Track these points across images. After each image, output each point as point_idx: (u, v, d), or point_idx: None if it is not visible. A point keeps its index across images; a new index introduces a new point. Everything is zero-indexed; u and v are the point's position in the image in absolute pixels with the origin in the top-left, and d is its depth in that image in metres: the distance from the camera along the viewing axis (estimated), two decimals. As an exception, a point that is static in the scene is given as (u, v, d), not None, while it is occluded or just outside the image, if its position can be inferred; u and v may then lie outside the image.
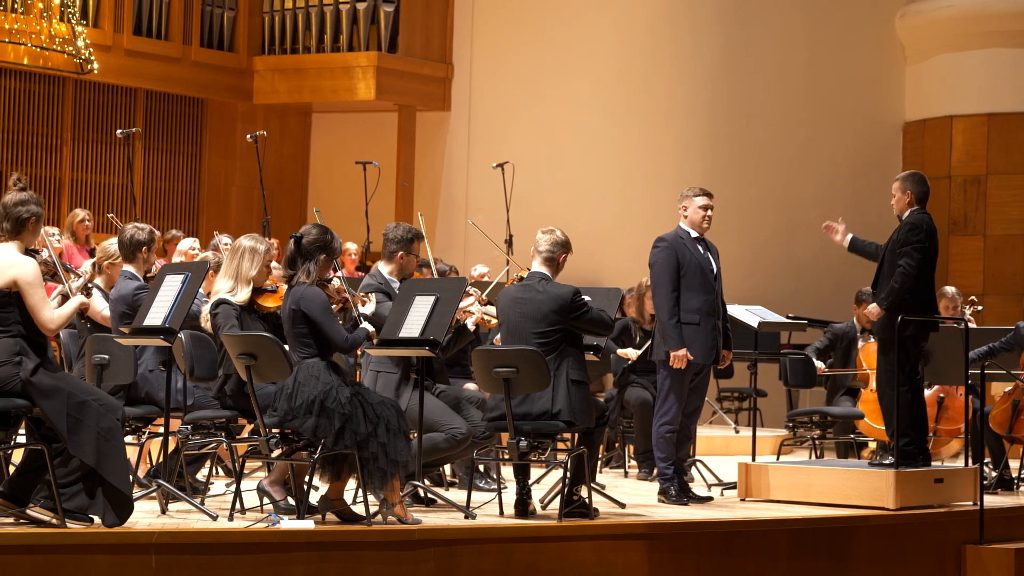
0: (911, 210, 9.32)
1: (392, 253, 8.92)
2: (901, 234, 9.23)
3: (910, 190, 9.33)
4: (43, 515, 6.95)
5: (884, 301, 9.14)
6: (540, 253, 8.45)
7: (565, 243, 8.48)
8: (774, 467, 9.64)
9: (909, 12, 18.51)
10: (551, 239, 8.45)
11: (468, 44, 18.08)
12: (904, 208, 9.34)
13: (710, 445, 12.91)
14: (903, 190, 9.34)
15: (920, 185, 9.35)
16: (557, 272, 8.45)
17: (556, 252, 8.44)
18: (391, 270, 8.93)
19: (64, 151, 16.66)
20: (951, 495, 9.31)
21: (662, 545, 7.90)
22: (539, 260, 8.45)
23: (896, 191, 9.37)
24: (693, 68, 17.44)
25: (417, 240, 8.96)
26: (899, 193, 9.36)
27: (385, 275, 8.90)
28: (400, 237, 8.91)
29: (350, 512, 7.80)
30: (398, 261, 8.92)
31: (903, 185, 9.35)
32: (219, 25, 17.83)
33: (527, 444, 8.07)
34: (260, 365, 7.63)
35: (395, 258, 8.92)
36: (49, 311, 7.04)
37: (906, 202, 9.34)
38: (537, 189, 16.24)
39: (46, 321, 7.02)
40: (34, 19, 15.61)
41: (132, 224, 9.13)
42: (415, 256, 8.99)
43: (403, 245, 8.90)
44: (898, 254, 9.18)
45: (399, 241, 8.90)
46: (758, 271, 16.75)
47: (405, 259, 8.92)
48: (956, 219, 18.01)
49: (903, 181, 9.38)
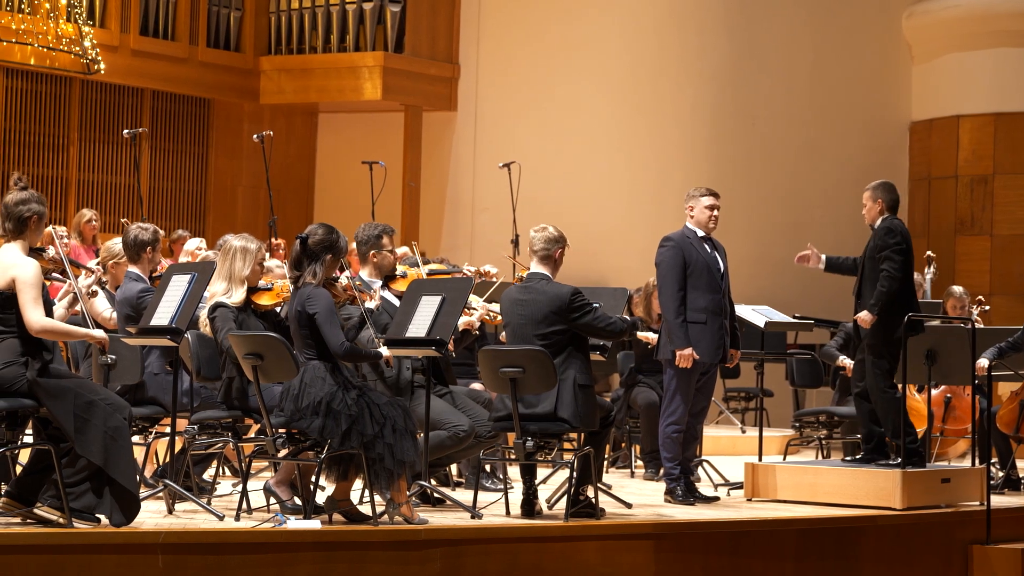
0: (882, 217, 9.42)
1: (364, 255, 8.94)
2: (877, 240, 9.36)
3: (881, 198, 9.47)
4: (50, 515, 6.95)
5: (874, 307, 9.23)
6: (536, 252, 8.44)
7: (559, 238, 8.45)
8: (781, 467, 9.64)
9: (916, 12, 18.49)
10: (544, 236, 8.43)
11: (475, 44, 18.07)
12: (876, 216, 9.49)
13: (717, 445, 12.91)
14: (874, 199, 9.49)
15: (890, 193, 9.51)
16: (556, 268, 8.43)
17: (552, 248, 8.42)
18: (369, 271, 8.96)
19: (71, 151, 16.67)
20: (958, 495, 9.31)
21: (668, 545, 7.90)
22: (536, 260, 8.44)
23: (867, 200, 9.51)
24: (700, 68, 17.42)
25: (385, 235, 8.94)
26: (870, 202, 9.50)
27: (365, 278, 8.91)
28: (367, 237, 8.92)
29: (356, 512, 7.80)
30: (372, 260, 8.94)
31: (874, 194, 9.50)
32: (226, 25, 17.83)
33: (533, 444, 8.07)
34: (267, 365, 7.62)
35: (368, 258, 8.94)
36: (37, 313, 6.97)
37: (877, 210, 9.49)
38: (543, 189, 16.23)
39: (31, 322, 6.96)
40: (41, 19, 15.62)
41: (136, 224, 9.13)
42: (388, 251, 8.97)
43: (372, 244, 8.91)
44: (878, 259, 9.30)
45: (367, 242, 8.92)
46: (764, 271, 16.73)
47: (378, 256, 8.93)
48: (963, 219, 17.98)
49: (874, 191, 9.51)
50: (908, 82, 18.72)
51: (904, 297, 9.29)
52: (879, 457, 9.43)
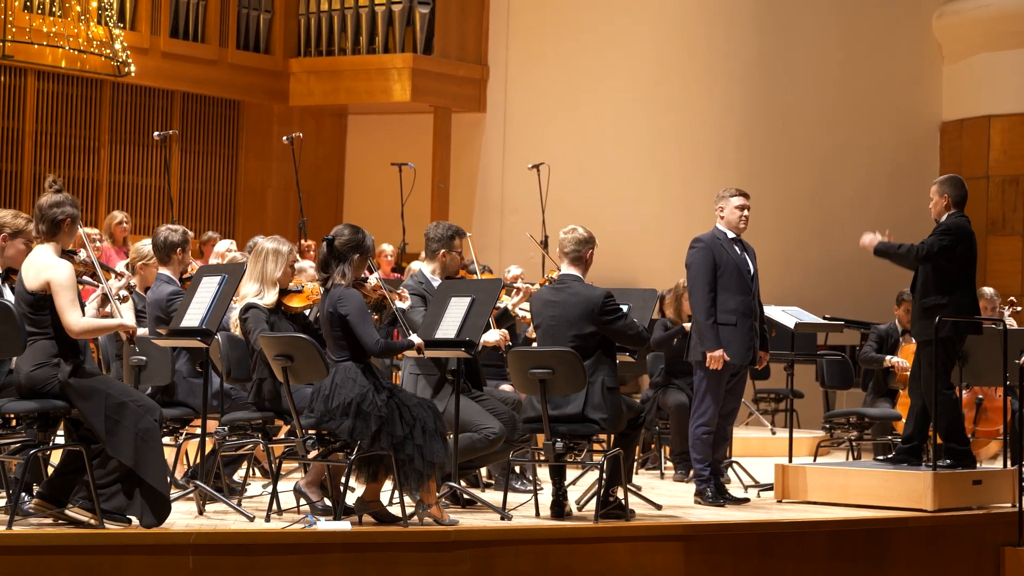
0: (948, 214, 9.30)
1: (434, 252, 8.95)
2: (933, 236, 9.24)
3: (948, 194, 9.31)
4: (81, 516, 6.98)
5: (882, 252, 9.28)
6: (567, 254, 8.44)
7: (588, 239, 8.46)
8: (811, 468, 9.61)
9: (947, 11, 18.42)
10: (574, 238, 8.43)
11: (503, 45, 18.08)
12: (942, 212, 9.33)
13: (747, 446, 12.88)
14: (940, 194, 9.33)
15: (958, 189, 9.33)
16: (587, 269, 8.44)
17: (582, 250, 8.42)
18: (433, 269, 8.94)
19: (102, 153, 16.73)
20: (990, 497, 9.27)
21: (698, 547, 7.89)
22: (567, 261, 8.44)
23: (934, 195, 9.35)
24: (728, 68, 17.39)
25: (458, 237, 8.98)
26: (936, 197, 9.35)
27: (427, 275, 8.91)
28: (441, 235, 8.94)
29: (386, 513, 7.80)
30: (440, 259, 8.93)
31: (940, 189, 9.34)
32: (255, 27, 17.88)
33: (563, 445, 8.06)
34: (297, 366, 7.64)
35: (437, 256, 8.93)
36: (75, 315, 7.03)
37: (943, 206, 9.33)
38: (572, 190, 16.23)
39: (71, 324, 7.01)
40: (72, 22, 15.68)
41: (165, 226, 9.15)
42: (457, 253, 9.00)
43: (444, 243, 8.93)
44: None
45: (440, 239, 8.93)
46: (794, 272, 16.69)
47: (447, 256, 8.94)
48: (994, 219, 17.90)
49: (940, 185, 9.36)
50: (938, 82, 18.66)
51: (960, 299, 9.18)
52: (912, 460, 9.36)
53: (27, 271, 7.13)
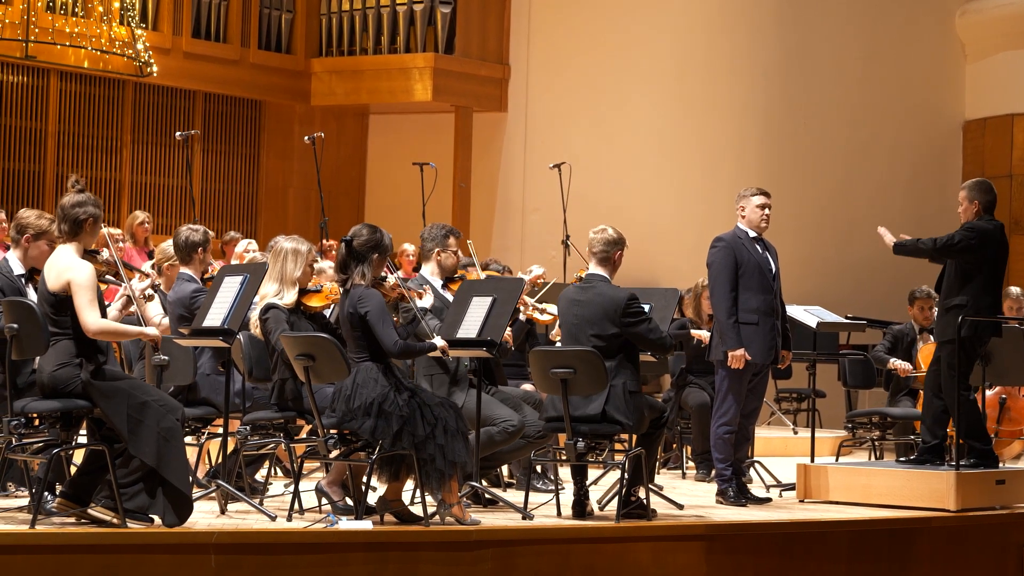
0: (979, 219, 9.24)
1: (429, 252, 9.06)
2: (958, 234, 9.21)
3: (977, 199, 9.26)
4: (104, 515, 7.00)
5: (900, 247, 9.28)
6: (595, 255, 8.44)
7: (618, 240, 8.45)
8: (833, 468, 9.59)
9: (969, 10, 18.36)
10: (603, 238, 8.43)
11: (525, 45, 18.07)
12: (971, 217, 9.28)
13: (768, 446, 12.86)
14: (970, 199, 9.27)
15: (987, 193, 9.28)
16: (615, 270, 8.43)
17: (611, 250, 8.41)
18: (431, 269, 9.03)
19: (124, 153, 16.77)
20: (1013, 496, 9.24)
21: (720, 546, 7.88)
22: (595, 261, 8.44)
23: (963, 200, 9.29)
24: (750, 67, 17.35)
25: (452, 236, 9.05)
26: (966, 203, 9.28)
27: (427, 276, 8.98)
28: (435, 235, 9.09)
29: (408, 513, 7.81)
30: (436, 259, 9.02)
31: (969, 195, 9.28)
32: (277, 27, 17.90)
33: (584, 445, 8.06)
34: (318, 366, 7.65)
35: (433, 256, 9.00)
36: (93, 315, 7.04)
37: (973, 211, 9.27)
38: (594, 189, 16.21)
39: (88, 324, 7.02)
40: (94, 23, 15.72)
41: (186, 226, 9.18)
42: (453, 252, 9.05)
43: (438, 242, 9.05)
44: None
45: (434, 239, 9.08)
46: (816, 271, 16.65)
47: (443, 255, 9.01)
48: (1017, 218, 17.83)
49: (969, 190, 9.30)
50: (961, 81, 18.59)
51: (983, 301, 9.14)
52: (935, 460, 9.33)
53: (49, 271, 7.16)
